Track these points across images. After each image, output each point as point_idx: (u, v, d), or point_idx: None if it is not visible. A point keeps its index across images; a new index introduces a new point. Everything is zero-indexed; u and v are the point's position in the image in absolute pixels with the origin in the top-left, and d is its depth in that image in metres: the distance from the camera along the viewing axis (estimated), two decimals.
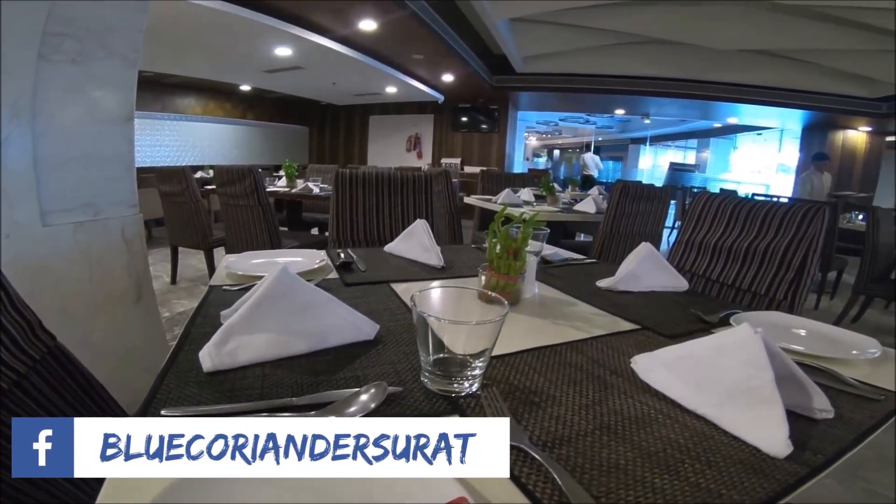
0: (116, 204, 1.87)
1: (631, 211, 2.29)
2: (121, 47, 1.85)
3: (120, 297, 1.91)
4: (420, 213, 1.69)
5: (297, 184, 3.74)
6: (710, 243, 1.40)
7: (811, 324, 0.92)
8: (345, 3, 4.57)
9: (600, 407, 0.59)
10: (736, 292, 1.34)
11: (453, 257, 1.30)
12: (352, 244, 1.64)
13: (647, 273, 1.09)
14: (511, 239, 0.85)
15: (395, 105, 10.38)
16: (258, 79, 7.90)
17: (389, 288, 1.04)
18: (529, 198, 3.38)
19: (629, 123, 13.34)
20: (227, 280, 1.05)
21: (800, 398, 0.57)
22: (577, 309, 0.96)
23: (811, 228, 1.21)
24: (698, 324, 0.89)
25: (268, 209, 2.85)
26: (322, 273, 1.12)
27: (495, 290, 0.90)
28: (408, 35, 5.44)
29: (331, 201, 1.60)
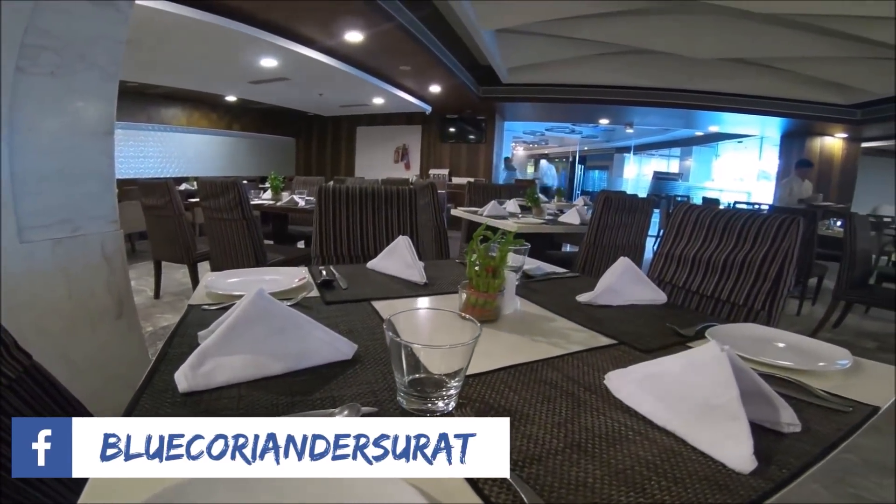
0: (96, 220, 1.84)
1: (614, 223, 2.32)
2: (100, 60, 1.83)
3: (100, 313, 1.88)
4: (405, 227, 1.69)
5: (283, 196, 3.72)
6: (690, 255, 1.42)
7: (785, 335, 0.94)
8: (330, 15, 4.59)
9: (572, 425, 0.60)
10: (715, 303, 1.36)
11: (436, 273, 1.31)
12: (336, 260, 1.63)
13: (626, 287, 1.10)
14: (489, 257, 0.86)
15: (383, 116, 10.40)
16: (244, 90, 7.88)
17: (370, 306, 1.04)
18: (515, 209, 3.40)
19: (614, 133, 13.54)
20: (207, 299, 1.05)
21: (768, 413, 0.58)
22: (556, 325, 0.97)
23: (787, 240, 1.24)
24: (674, 337, 0.91)
25: (252, 223, 2.83)
26: (303, 291, 1.11)
27: (475, 307, 0.91)
28: (394, 47, 5.48)
29: (314, 217, 1.60)
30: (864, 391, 0.72)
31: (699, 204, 1.48)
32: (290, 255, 3.25)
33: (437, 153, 10.17)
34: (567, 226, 2.74)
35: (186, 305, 1.02)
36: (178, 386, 0.65)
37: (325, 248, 1.61)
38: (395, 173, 10.10)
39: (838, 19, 4.41)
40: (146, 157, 8.27)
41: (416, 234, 1.70)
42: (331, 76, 6.56)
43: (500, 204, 3.19)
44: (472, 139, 9.80)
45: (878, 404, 0.67)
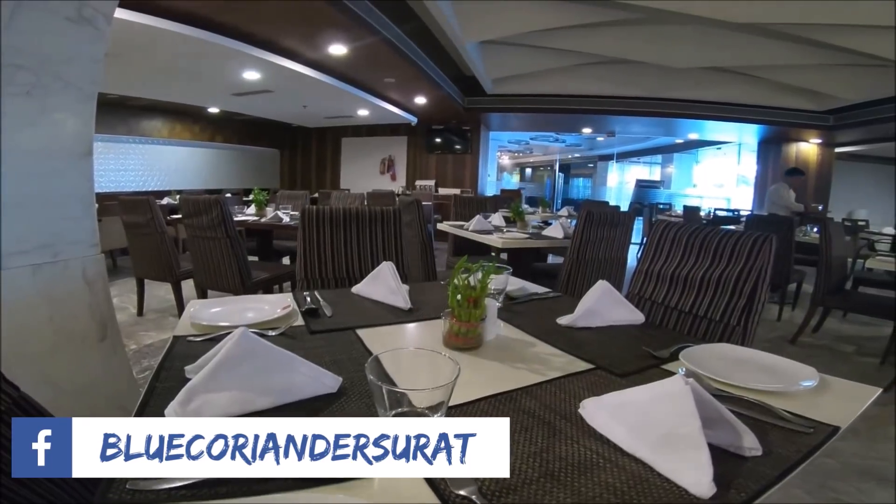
0: (76, 244, 1.82)
1: (596, 237, 2.36)
2: (78, 79, 1.80)
3: (83, 337, 1.86)
4: (389, 248, 1.70)
5: (267, 212, 3.71)
6: (668, 272, 1.46)
7: (756, 354, 0.97)
8: (314, 29, 4.61)
9: (547, 454, 0.62)
10: (693, 319, 1.40)
11: (421, 297, 1.32)
12: (321, 283, 1.64)
13: (605, 309, 1.14)
14: (470, 288, 0.88)
15: (368, 127, 10.41)
16: (226, 102, 7.85)
17: (355, 334, 1.05)
18: (500, 222, 3.44)
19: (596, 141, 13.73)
20: (192, 329, 1.05)
21: (731, 438, 0.62)
22: (536, 350, 1.00)
23: (760, 258, 1.29)
24: (649, 360, 0.94)
25: (236, 241, 2.82)
26: (288, 320, 1.12)
27: (458, 336, 0.93)
28: (379, 59, 5.51)
29: (298, 240, 1.60)
30: (827, 411, 0.75)
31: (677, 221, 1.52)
32: (274, 271, 3.24)
33: (423, 164, 10.20)
34: (551, 240, 2.78)
35: (174, 319, 1.02)
36: None
37: (309, 270, 1.61)
38: (381, 185, 10.09)
39: (811, 28, 4.56)
40: (127, 170, 8.16)
41: (401, 254, 1.71)
42: (315, 88, 6.57)
43: (486, 218, 3.22)
44: (458, 149, 9.84)
45: (839, 424, 0.71)
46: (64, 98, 1.77)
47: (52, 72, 1.71)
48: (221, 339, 0.95)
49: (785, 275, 4.37)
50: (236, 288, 3.00)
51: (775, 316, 4.43)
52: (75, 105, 1.82)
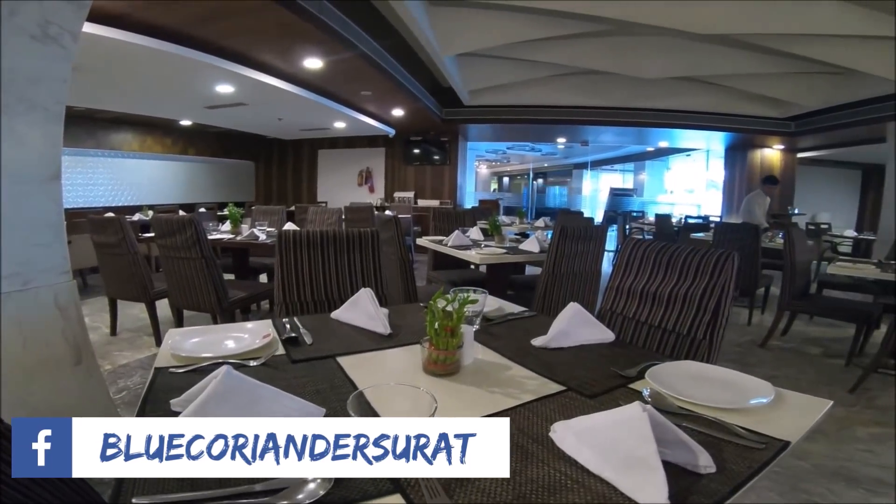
0: (47, 272, 1.78)
1: (571, 251, 2.43)
2: (44, 99, 1.77)
3: (57, 362, 1.84)
4: (368, 270, 1.72)
5: (243, 229, 3.66)
6: (638, 288, 1.52)
7: (717, 371, 1.03)
8: (289, 43, 4.61)
9: (520, 477, 0.66)
10: (662, 333, 1.46)
11: (400, 321, 1.34)
12: (300, 307, 1.64)
13: (576, 329, 1.20)
14: (448, 318, 0.91)
15: (345, 139, 10.38)
16: (199, 114, 7.74)
17: (336, 363, 1.07)
18: (479, 236, 3.49)
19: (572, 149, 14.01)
20: (173, 361, 1.05)
21: (688, 457, 0.67)
22: (511, 373, 1.03)
23: (723, 275, 1.35)
24: (618, 380, 0.99)
25: (211, 261, 2.79)
26: (269, 349, 1.13)
27: (437, 363, 0.96)
28: (355, 72, 5.54)
29: (275, 265, 1.61)
30: (780, 426, 0.80)
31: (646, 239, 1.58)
32: (252, 290, 3.21)
33: (401, 175, 10.21)
34: (528, 254, 2.85)
35: (149, 339, 1.03)
36: None
37: (287, 294, 1.61)
38: (359, 197, 10.06)
39: (771, 37, 4.77)
40: (95, 184, 7.95)
41: (379, 276, 1.73)
42: (290, 101, 6.54)
43: (464, 233, 3.26)
44: (436, 160, 9.88)
45: (790, 439, 0.76)
46: (29, 119, 1.74)
47: (17, 92, 1.68)
48: (204, 370, 0.97)
49: (753, 280, 4.53)
50: (212, 308, 2.96)
51: (746, 320, 4.58)
52: (41, 126, 1.78)
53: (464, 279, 3.57)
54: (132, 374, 2.92)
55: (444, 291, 0.99)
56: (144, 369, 2.99)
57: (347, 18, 4.41)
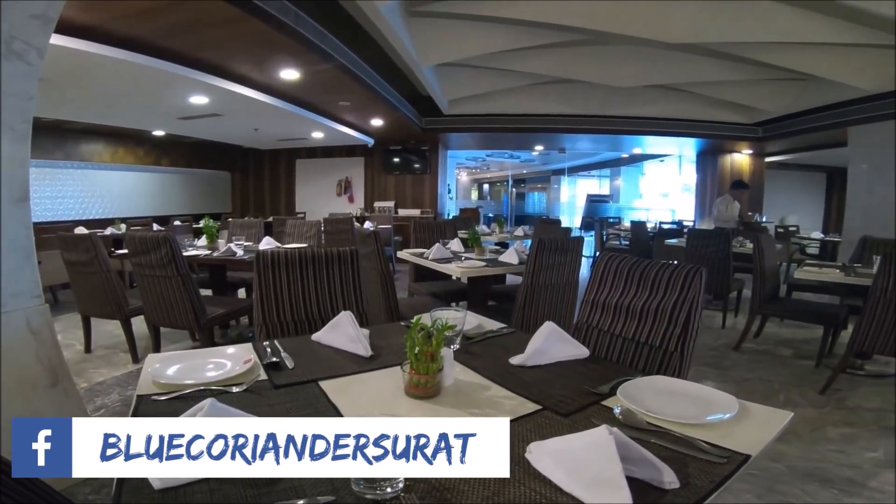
0: (18, 296, 1.75)
1: (549, 263, 2.48)
2: (9, 118, 1.74)
3: (32, 383, 1.83)
4: (348, 289, 1.73)
5: (220, 244, 3.62)
6: (612, 302, 1.57)
7: (685, 386, 1.08)
8: (266, 54, 4.59)
9: (498, 497, 0.68)
10: (636, 346, 1.50)
11: (382, 341, 1.36)
12: (280, 327, 1.64)
13: (552, 347, 1.24)
14: (427, 344, 0.94)
15: (323, 149, 10.31)
16: (172, 125, 7.61)
17: (318, 387, 1.08)
18: (459, 248, 3.53)
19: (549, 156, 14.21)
20: (154, 388, 1.06)
21: (653, 474, 0.71)
22: (490, 393, 1.07)
23: (692, 289, 1.41)
24: (591, 397, 1.03)
25: (188, 279, 2.75)
26: (251, 375, 1.14)
27: (417, 386, 0.99)
28: (333, 83, 5.54)
29: (254, 285, 1.60)
30: (742, 439, 0.85)
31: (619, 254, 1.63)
32: (230, 306, 3.17)
33: (381, 185, 10.18)
34: (507, 266, 2.90)
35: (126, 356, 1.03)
36: (152, 483, 0.67)
37: (267, 315, 1.61)
38: (338, 207, 9.98)
39: (739, 45, 4.95)
40: (64, 197, 7.72)
41: (359, 295, 1.74)
42: (267, 112, 6.50)
43: (445, 245, 3.29)
44: (416, 169, 9.86)
45: (750, 452, 0.80)
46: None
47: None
48: (187, 396, 1.00)
49: (726, 284, 4.67)
50: (190, 325, 2.92)
51: (720, 324, 4.71)
52: (7, 146, 1.75)
53: (445, 291, 3.59)
54: (109, 392, 2.87)
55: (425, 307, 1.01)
56: (122, 386, 2.93)
57: (325, 30, 4.42)
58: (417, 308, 2.91)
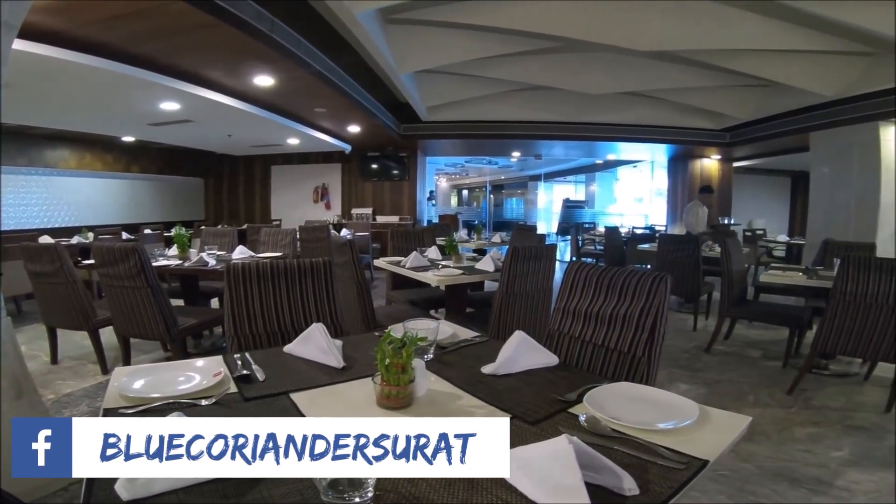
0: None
1: (523, 271, 2.52)
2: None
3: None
4: (322, 300, 1.72)
5: (191, 254, 3.55)
6: (582, 310, 1.61)
7: (649, 392, 1.12)
8: (239, 60, 4.54)
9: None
10: (605, 352, 1.54)
11: (355, 352, 1.36)
12: (252, 339, 1.62)
13: (522, 356, 1.26)
14: (398, 356, 0.94)
15: (299, 155, 10.19)
16: (142, 131, 7.43)
17: (289, 399, 1.08)
18: (437, 255, 3.55)
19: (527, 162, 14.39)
20: (122, 402, 1.04)
21: (614, 481, 0.74)
22: (462, 403, 1.08)
23: (657, 296, 1.45)
24: (559, 405, 1.05)
25: (158, 290, 2.69)
26: (222, 387, 1.13)
27: (389, 398, 0.99)
28: (309, 90, 5.50)
29: (224, 299, 1.58)
30: (702, 445, 0.88)
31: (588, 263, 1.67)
32: (202, 317, 3.11)
33: (359, 192, 10.11)
34: (483, 273, 2.93)
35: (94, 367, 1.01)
36: (120, 495, 0.67)
37: (238, 327, 1.59)
38: (315, 214, 9.88)
39: (707, 53, 5.10)
40: (28, 205, 7.45)
41: (333, 306, 1.74)
42: (240, 118, 6.41)
43: (422, 253, 3.30)
44: (395, 175, 9.80)
45: (708, 458, 0.83)
46: None
47: None
48: (155, 410, 0.99)
49: (696, 287, 4.79)
50: (161, 335, 2.86)
51: (692, 326, 4.83)
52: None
53: (423, 298, 3.60)
54: (78, 404, 2.79)
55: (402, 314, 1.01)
56: (90, 398, 2.86)
57: (301, 37, 4.40)
58: (395, 316, 2.91)
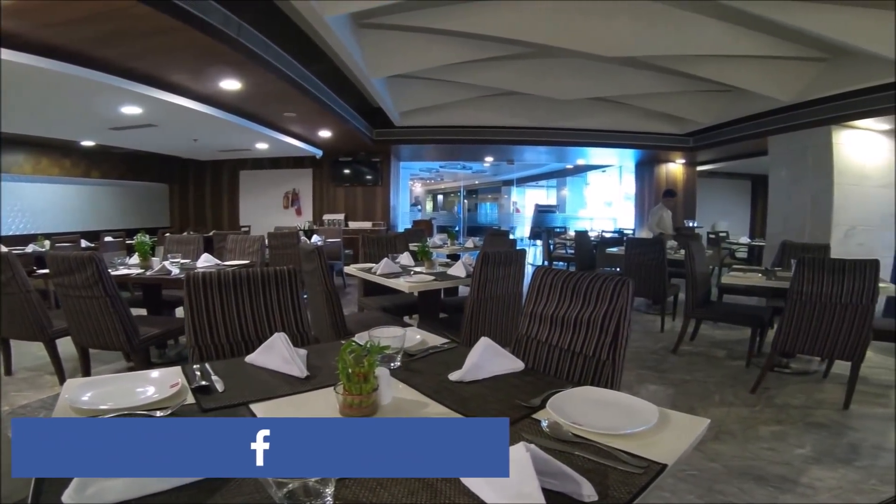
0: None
1: (494, 276, 2.54)
2: None
3: None
4: (287, 308, 1.68)
5: (154, 263, 3.43)
6: (549, 314, 1.63)
7: (611, 396, 1.13)
8: (204, 64, 4.42)
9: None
10: (572, 355, 1.56)
11: (321, 361, 1.33)
12: (214, 350, 1.57)
13: (488, 362, 1.27)
14: (359, 365, 0.93)
15: (269, 160, 9.99)
16: (102, 135, 7.15)
17: (249, 410, 1.06)
18: (409, 262, 3.53)
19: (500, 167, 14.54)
20: (73, 414, 1.01)
21: (573, 487, 0.74)
22: (428, 410, 1.08)
23: (620, 300, 1.48)
24: (523, 411, 1.06)
25: (117, 300, 2.59)
26: (179, 398, 1.09)
27: (352, 407, 0.98)
28: (278, 94, 5.41)
29: (184, 309, 1.53)
30: (661, 448, 0.89)
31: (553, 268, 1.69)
32: (166, 326, 3.01)
33: (330, 197, 9.96)
34: (455, 279, 2.94)
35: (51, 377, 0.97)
36: None
37: (200, 338, 1.54)
38: (285, 220, 9.67)
39: (671, 59, 5.23)
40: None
41: (299, 314, 1.70)
42: (206, 123, 6.25)
43: (394, 260, 3.28)
44: (368, 180, 9.70)
45: (667, 462, 0.84)
46: None
47: None
48: None
49: (662, 290, 4.91)
50: (122, 345, 2.75)
51: (659, 328, 4.94)
52: None
53: (395, 304, 3.58)
54: (35, 414, 2.69)
55: None
56: (48, 409, 2.74)
57: (270, 41, 4.33)
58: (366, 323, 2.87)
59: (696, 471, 2.23)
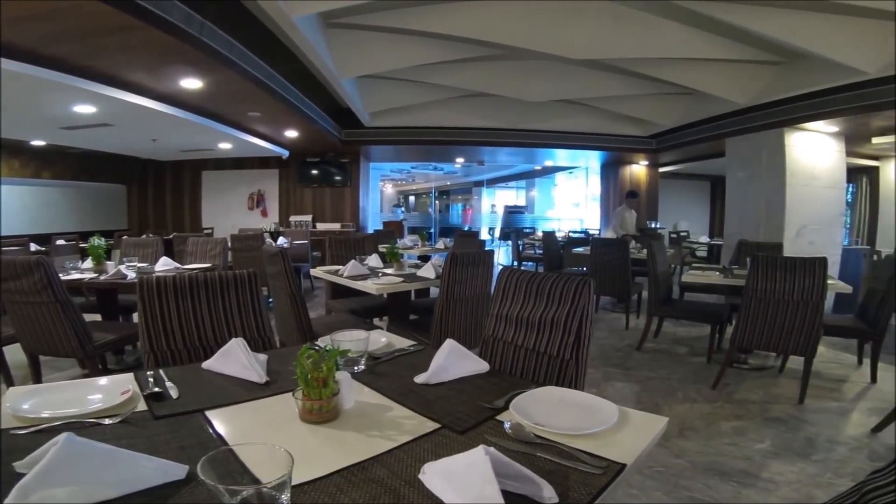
0: None
1: (462, 277, 2.55)
2: None
3: None
4: (247, 312, 1.64)
5: (108, 266, 3.28)
6: (514, 315, 1.64)
7: (573, 396, 1.15)
8: (163, 62, 4.26)
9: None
10: (537, 355, 1.58)
11: (282, 366, 1.30)
12: (171, 356, 1.51)
13: (453, 364, 1.27)
14: (318, 370, 0.91)
15: (233, 160, 9.74)
16: (54, 135, 6.81)
17: (204, 417, 1.02)
18: (377, 263, 3.50)
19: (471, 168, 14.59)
20: (15, 422, 0.96)
21: (534, 490, 0.75)
22: (392, 414, 1.06)
23: (582, 300, 1.51)
24: (487, 412, 1.06)
25: (68, 305, 2.47)
26: (130, 406, 1.05)
27: (312, 412, 0.96)
28: (242, 93, 5.28)
29: (138, 314, 1.47)
30: (620, 448, 0.91)
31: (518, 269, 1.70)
32: (122, 332, 2.89)
33: (297, 198, 9.78)
34: (424, 280, 2.93)
35: None
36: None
37: (155, 344, 1.48)
38: (249, 222, 9.43)
39: (635, 62, 5.37)
40: None
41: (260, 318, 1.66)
42: (166, 122, 6.04)
43: (362, 262, 3.25)
44: (337, 181, 9.57)
45: (626, 461, 0.86)
46: None
47: None
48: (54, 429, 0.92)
49: (626, 288, 5.04)
50: (75, 352, 2.62)
51: (624, 325, 5.06)
52: None
53: (364, 307, 3.54)
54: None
55: None
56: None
57: (234, 40, 4.22)
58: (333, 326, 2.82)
59: (663, 467, 2.27)
